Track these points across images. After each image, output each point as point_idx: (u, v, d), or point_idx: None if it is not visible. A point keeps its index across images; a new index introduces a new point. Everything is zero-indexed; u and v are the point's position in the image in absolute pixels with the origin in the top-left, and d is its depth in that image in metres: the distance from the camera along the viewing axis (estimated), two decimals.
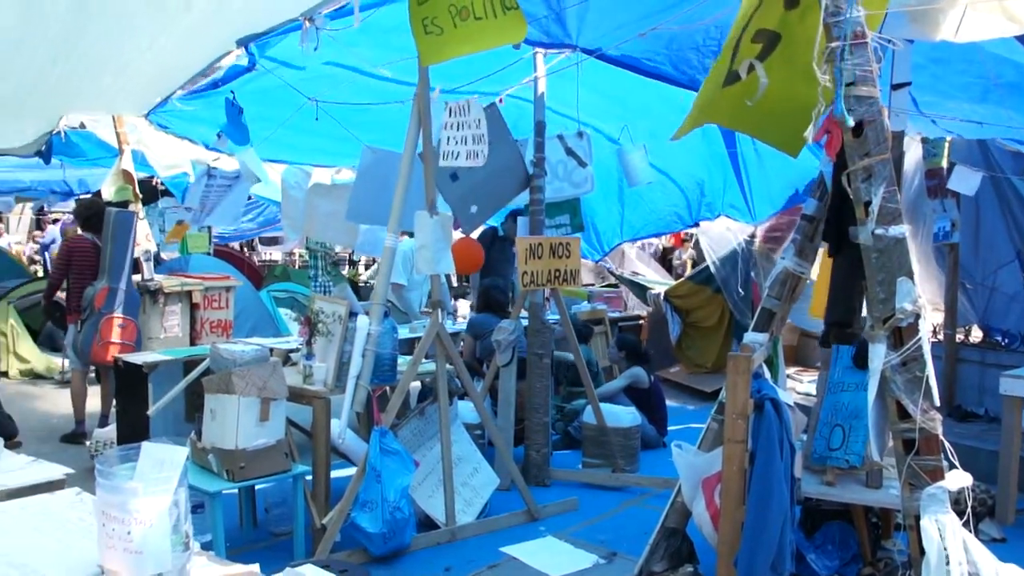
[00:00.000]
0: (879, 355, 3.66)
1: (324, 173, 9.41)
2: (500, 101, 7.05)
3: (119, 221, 7.93)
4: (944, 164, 8.25)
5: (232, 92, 7.30)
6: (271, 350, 6.03)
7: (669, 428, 8.33)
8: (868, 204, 3.62)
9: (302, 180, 8.83)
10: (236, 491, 5.66)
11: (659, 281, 13.12)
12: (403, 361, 6.09)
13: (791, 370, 10.49)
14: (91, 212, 8.25)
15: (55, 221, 20.42)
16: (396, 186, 5.74)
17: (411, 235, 7.31)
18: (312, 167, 9.39)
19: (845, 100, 3.56)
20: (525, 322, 7.13)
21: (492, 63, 6.63)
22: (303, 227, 8.90)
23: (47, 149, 9.51)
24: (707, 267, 10.75)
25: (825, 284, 4.61)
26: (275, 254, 22.91)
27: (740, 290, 10.36)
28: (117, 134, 9.22)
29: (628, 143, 8.22)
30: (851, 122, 3.56)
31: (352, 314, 5.60)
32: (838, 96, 3.55)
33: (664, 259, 17.67)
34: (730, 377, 4.02)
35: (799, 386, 9.72)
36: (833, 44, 3.57)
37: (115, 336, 7.59)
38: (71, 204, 16.27)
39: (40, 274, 16.02)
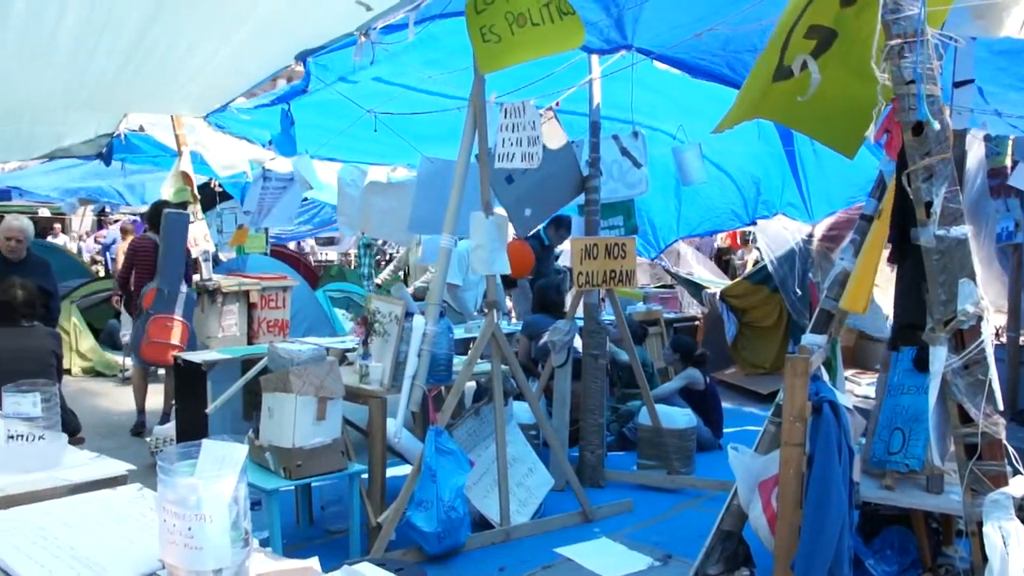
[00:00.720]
0: (940, 358, 3.59)
1: (380, 171, 9.47)
2: (556, 105, 7.05)
3: (170, 222, 8.06)
4: (1008, 163, 8.08)
5: (287, 104, 7.37)
6: (328, 349, 6.07)
7: (725, 430, 8.27)
8: (929, 204, 3.55)
9: (358, 178, 8.91)
10: (293, 489, 5.72)
11: (715, 281, 13.03)
12: (458, 361, 6.11)
13: (849, 372, 10.32)
14: (153, 213, 8.38)
15: (115, 222, 20.78)
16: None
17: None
18: (368, 165, 9.46)
19: (905, 99, 3.50)
20: (580, 323, 7.12)
21: (546, 66, 6.62)
22: (359, 224, 8.97)
23: (108, 151, 9.69)
24: (764, 266, 10.64)
25: (861, 277, 4.51)
26: (331, 254, 23.08)
27: (797, 290, 10.25)
28: (176, 136, 9.35)
29: (683, 142, 8.17)
30: (936, 125, 3.48)
31: (408, 314, 5.62)
32: (919, 97, 3.47)
33: (720, 260, 17.53)
34: (788, 379, 3.98)
35: (857, 388, 9.58)
36: (892, 42, 3.51)
37: (161, 336, 7.72)
38: (134, 207, 16.60)
39: (101, 274, 16.29)
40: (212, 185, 11.52)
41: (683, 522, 6.20)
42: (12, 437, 3.14)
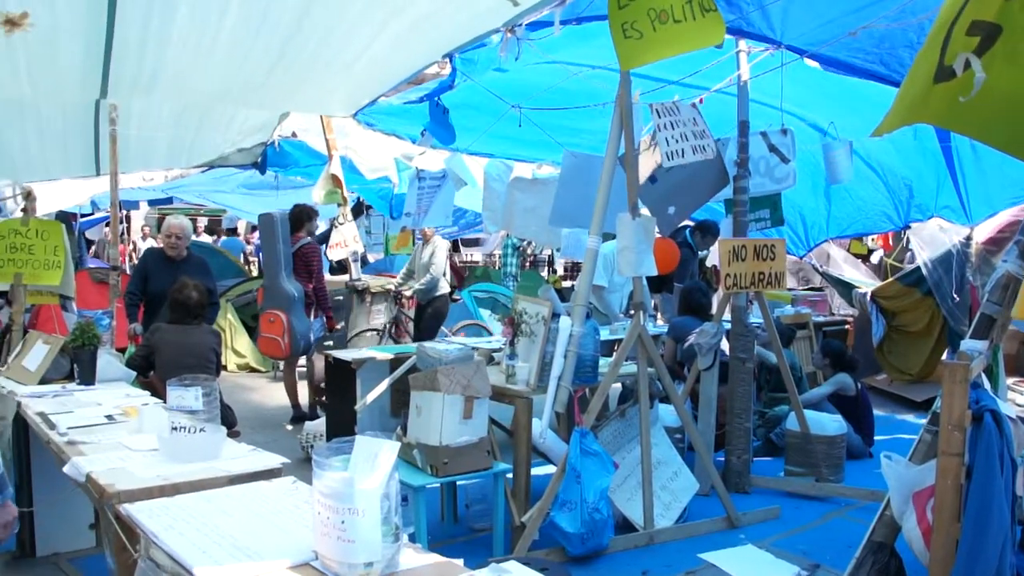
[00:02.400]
0: None
1: (526, 168, 9.52)
2: (700, 101, 6.97)
3: (262, 223, 8.36)
4: None
5: (438, 98, 7.47)
6: (475, 349, 6.14)
7: (876, 438, 8.01)
8: None
9: (503, 173, 8.98)
10: (439, 486, 5.81)
11: (865, 281, 12.65)
12: (604, 363, 6.10)
13: (1011, 380, 9.93)
14: (292, 216, 8.64)
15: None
16: (598, 189, 5.76)
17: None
18: (514, 162, 9.52)
19: None
20: (727, 325, 7.02)
21: (695, 62, 6.56)
22: (503, 220, 9.04)
23: (262, 160, 10.02)
24: (918, 268, 10.28)
25: None
26: (476, 255, 23.32)
27: (954, 295, 9.87)
28: (326, 140, 9.61)
29: (835, 137, 7.98)
30: None
31: (555, 315, 5.64)
32: None
33: (870, 260, 17.03)
34: (946, 386, 3.84)
35: (1019, 398, 9.20)
36: None
37: (268, 330, 8.05)
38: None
39: (255, 274, 16.85)
40: (361, 202, 11.81)
41: (832, 531, 6.05)
42: (176, 429, 3.26)
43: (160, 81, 6.49)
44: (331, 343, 9.28)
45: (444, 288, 10.19)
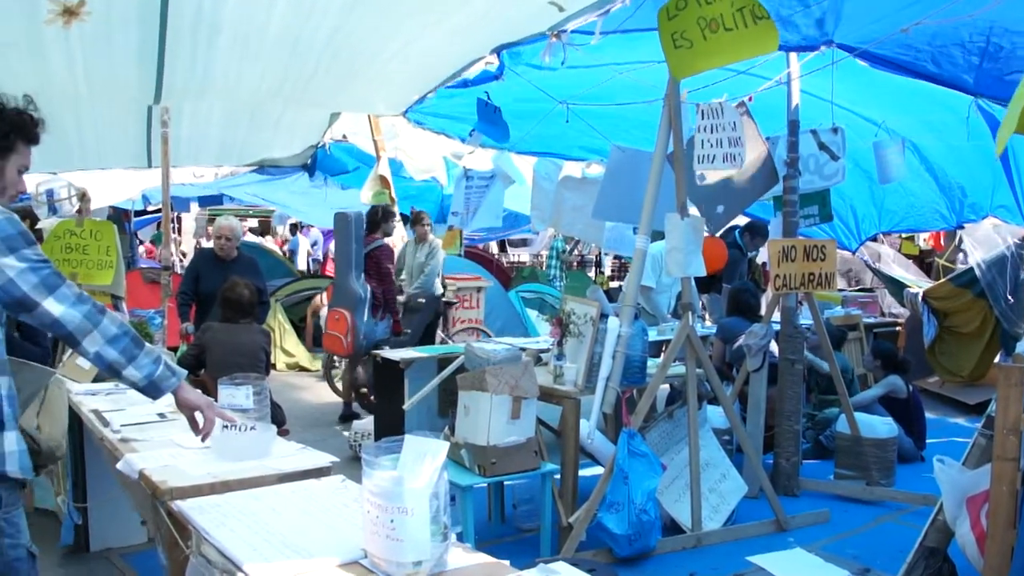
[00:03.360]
0: None
1: (575, 167, 9.51)
2: (750, 100, 6.92)
3: (336, 222, 8.40)
4: None
5: (487, 93, 7.49)
6: (523, 350, 6.14)
7: (928, 441, 7.90)
8: None
9: (552, 172, 8.98)
10: (486, 486, 5.82)
11: (917, 280, 12.48)
12: (652, 364, 6.07)
13: None
14: (369, 217, 8.69)
15: (309, 227, 21.77)
16: (644, 186, 5.73)
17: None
18: (563, 160, 9.52)
19: None
20: (776, 326, 6.97)
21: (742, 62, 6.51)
22: (551, 219, 9.04)
23: (312, 163, 10.10)
24: (971, 269, 10.12)
25: None
26: (523, 255, 23.36)
27: (1008, 296, 9.71)
28: (375, 141, 9.66)
29: (886, 137, 7.89)
30: None
31: (603, 316, 5.62)
32: None
33: (923, 262, 16.83)
34: (1001, 389, 3.79)
35: None
36: None
37: (333, 328, 8.11)
38: None
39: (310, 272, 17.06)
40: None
41: (882, 536, 5.98)
42: (227, 427, 3.29)
43: (211, 77, 6.60)
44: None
45: (438, 289, 10.04)
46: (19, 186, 2.85)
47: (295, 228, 23.42)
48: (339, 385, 9.67)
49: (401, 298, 9.80)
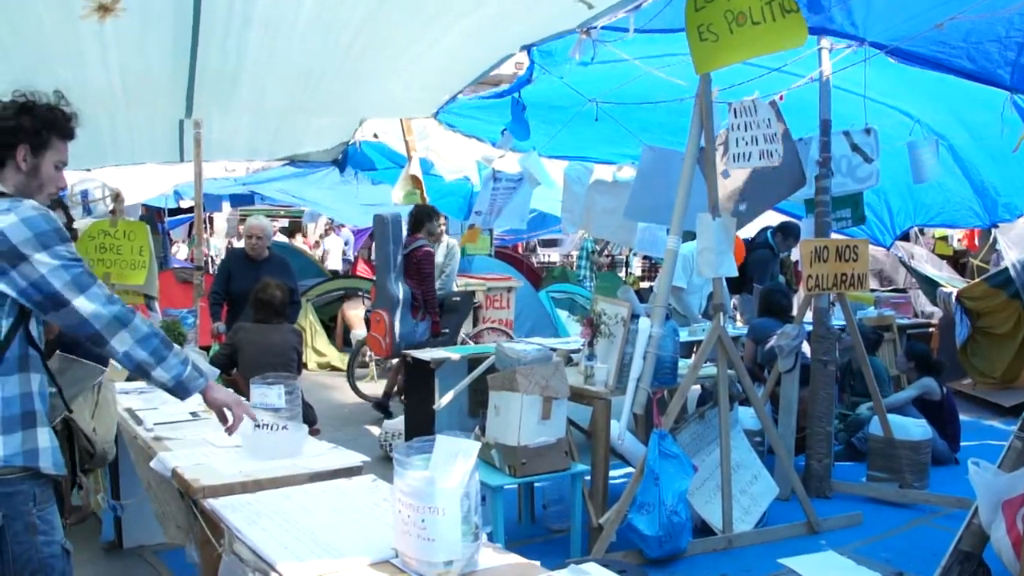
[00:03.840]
0: None
1: (606, 170, 9.49)
2: (780, 99, 6.87)
3: (375, 223, 8.42)
4: None
5: (518, 92, 7.49)
6: (553, 350, 6.13)
7: (962, 444, 7.83)
8: None
9: (583, 175, 8.96)
10: (516, 486, 5.81)
11: (951, 279, 12.35)
12: (683, 364, 6.05)
13: None
14: (412, 218, 8.70)
15: (341, 227, 21.83)
16: (676, 186, 5.71)
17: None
18: (594, 164, 9.50)
19: None
20: (808, 327, 6.92)
21: (776, 58, 6.45)
22: (582, 222, 9.03)
23: (343, 159, 10.12)
24: (1005, 269, 10.00)
25: None
26: (553, 255, 23.34)
27: None
28: (406, 142, 9.68)
29: (920, 137, 7.83)
30: None
31: (634, 316, 5.60)
32: None
33: (956, 263, 16.69)
34: None
35: None
36: None
37: (374, 329, 8.16)
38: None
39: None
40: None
41: (916, 539, 5.92)
42: (259, 426, 3.31)
43: (240, 80, 6.62)
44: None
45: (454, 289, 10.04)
46: (59, 182, 2.87)
47: (328, 229, 23.51)
48: (361, 387, 9.85)
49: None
